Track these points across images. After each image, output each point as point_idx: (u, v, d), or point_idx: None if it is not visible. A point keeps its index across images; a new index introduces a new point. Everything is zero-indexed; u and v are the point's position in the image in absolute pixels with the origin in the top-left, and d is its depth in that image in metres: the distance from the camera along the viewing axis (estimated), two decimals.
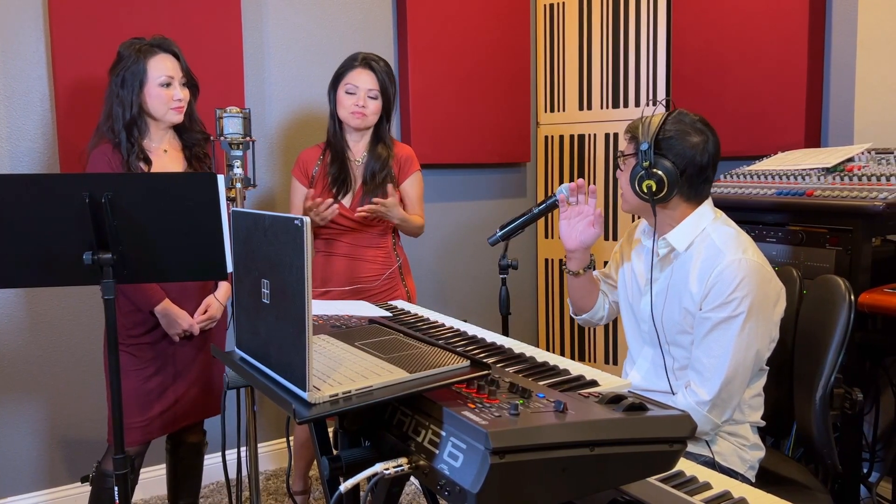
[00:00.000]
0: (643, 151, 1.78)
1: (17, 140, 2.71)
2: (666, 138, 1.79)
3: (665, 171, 1.77)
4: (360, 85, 2.54)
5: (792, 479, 1.93)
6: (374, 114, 2.58)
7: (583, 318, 2.20)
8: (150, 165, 2.30)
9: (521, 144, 3.90)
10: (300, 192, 2.66)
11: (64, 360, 2.85)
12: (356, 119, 2.56)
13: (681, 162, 1.79)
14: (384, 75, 2.59)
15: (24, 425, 2.80)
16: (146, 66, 2.25)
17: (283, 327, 1.12)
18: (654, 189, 1.78)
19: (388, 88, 2.60)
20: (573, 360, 4.24)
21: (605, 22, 3.70)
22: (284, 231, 1.09)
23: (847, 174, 2.40)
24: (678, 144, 1.79)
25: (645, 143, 1.78)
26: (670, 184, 1.78)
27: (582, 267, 2.06)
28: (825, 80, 3.02)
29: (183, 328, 2.32)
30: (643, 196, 1.81)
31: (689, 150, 1.79)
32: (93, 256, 1.83)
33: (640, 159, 1.78)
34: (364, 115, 2.55)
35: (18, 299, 2.76)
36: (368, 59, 2.57)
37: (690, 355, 1.84)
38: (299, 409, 1.03)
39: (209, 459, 2.71)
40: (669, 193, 1.80)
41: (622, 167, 1.89)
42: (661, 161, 1.78)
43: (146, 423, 2.33)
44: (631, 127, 1.87)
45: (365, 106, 2.54)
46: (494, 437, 0.99)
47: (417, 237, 2.81)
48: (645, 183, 1.79)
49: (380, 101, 2.58)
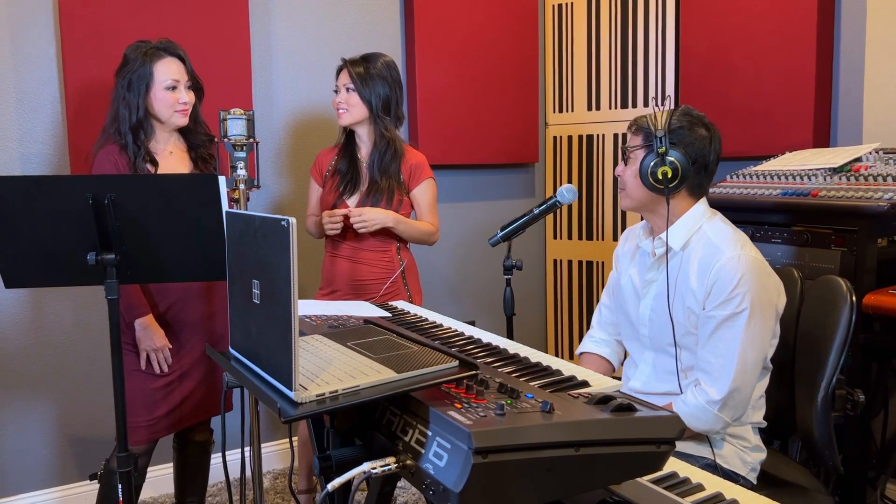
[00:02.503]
0: (658, 138, 1.79)
1: (28, 142, 2.75)
2: (677, 129, 1.81)
3: (677, 159, 1.79)
4: (339, 83, 2.62)
5: (793, 482, 1.92)
6: (354, 106, 2.59)
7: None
8: (156, 167, 2.32)
9: (529, 145, 3.90)
10: (314, 190, 2.73)
11: (74, 359, 2.89)
12: (339, 116, 2.62)
13: (691, 152, 1.81)
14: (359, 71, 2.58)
15: (36, 424, 2.84)
16: (152, 70, 2.27)
17: (272, 327, 1.13)
18: (670, 176, 1.78)
19: (368, 81, 2.58)
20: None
21: (614, 22, 3.69)
22: (272, 232, 1.10)
23: (854, 174, 2.38)
24: (688, 136, 1.82)
25: (661, 131, 1.79)
26: (683, 172, 1.79)
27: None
28: (834, 79, 2.99)
29: (155, 347, 2.31)
30: (656, 185, 1.81)
31: (698, 141, 1.82)
32: (96, 257, 1.85)
33: (655, 146, 1.79)
34: (346, 111, 2.59)
35: (28, 300, 2.80)
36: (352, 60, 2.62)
37: (696, 355, 1.83)
38: (285, 408, 1.04)
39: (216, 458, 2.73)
40: (681, 183, 1.81)
41: (627, 161, 1.89)
42: (673, 149, 1.80)
43: (153, 423, 2.35)
44: (638, 121, 1.88)
45: (343, 101, 2.59)
46: (477, 436, 0.99)
47: (431, 245, 2.80)
48: (661, 169, 1.79)
49: (356, 94, 2.57)
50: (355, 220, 2.53)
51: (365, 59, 2.62)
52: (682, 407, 1.80)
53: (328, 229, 2.56)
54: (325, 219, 2.54)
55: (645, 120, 1.86)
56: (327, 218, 2.54)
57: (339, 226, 2.55)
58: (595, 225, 3.85)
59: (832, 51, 2.98)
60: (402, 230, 2.62)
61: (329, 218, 2.54)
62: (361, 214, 2.52)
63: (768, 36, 3.10)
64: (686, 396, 1.81)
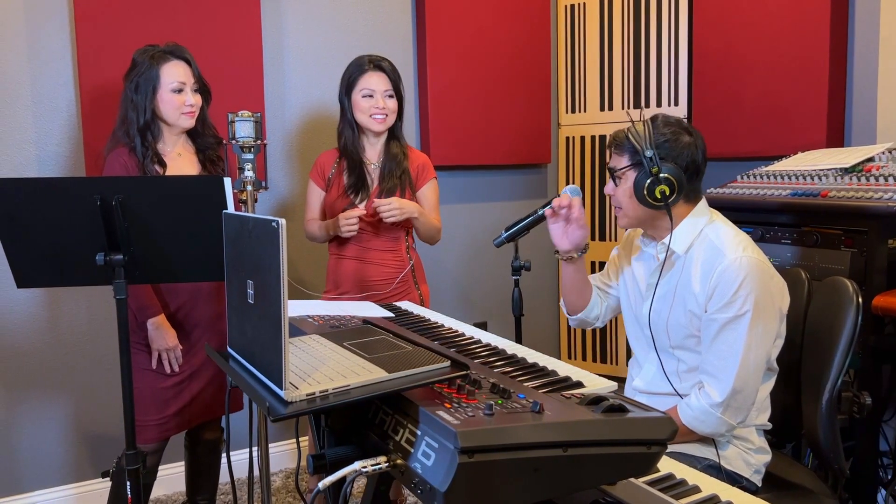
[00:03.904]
0: (648, 158, 1.77)
1: (45, 144, 2.80)
2: (662, 142, 1.79)
3: (672, 174, 1.77)
4: (375, 87, 2.57)
5: (799, 484, 1.90)
6: (394, 112, 2.62)
7: (577, 319, 2.18)
8: (164, 169, 2.35)
9: (541, 145, 3.89)
10: (317, 194, 2.71)
11: (89, 358, 2.93)
12: (378, 123, 2.59)
13: (682, 162, 1.80)
14: (394, 74, 2.63)
15: (52, 422, 2.89)
16: (159, 72, 2.31)
17: (264, 327, 1.15)
18: (668, 193, 1.77)
19: (400, 85, 2.64)
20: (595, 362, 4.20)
21: (627, 22, 3.68)
22: (264, 233, 1.12)
23: (865, 174, 2.35)
24: (676, 147, 1.80)
25: (649, 150, 1.77)
26: (679, 185, 1.78)
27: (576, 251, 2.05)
28: (848, 78, 2.96)
29: (167, 347, 2.34)
30: (655, 203, 1.80)
31: (686, 149, 1.80)
32: (105, 257, 1.88)
33: (647, 166, 1.78)
34: (386, 116, 2.59)
35: (44, 300, 2.85)
36: (377, 61, 2.60)
37: (700, 358, 1.82)
38: (274, 407, 1.05)
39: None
40: (679, 195, 1.80)
41: (617, 182, 1.88)
42: (665, 165, 1.78)
43: (163, 422, 2.38)
44: (618, 138, 1.85)
45: (385, 107, 2.58)
46: (463, 436, 1.00)
47: (435, 243, 2.81)
48: (658, 189, 1.78)
49: (395, 100, 2.62)
50: (387, 209, 2.51)
51: (390, 64, 2.63)
52: (686, 410, 1.79)
53: (346, 232, 2.55)
54: (341, 222, 2.54)
55: (626, 137, 1.82)
56: (344, 220, 2.54)
57: (356, 227, 2.55)
58: (608, 225, 3.84)
59: (846, 50, 2.95)
60: (421, 222, 2.64)
61: (346, 220, 2.54)
62: (392, 203, 2.51)
63: (781, 35, 3.07)
64: (690, 399, 1.80)
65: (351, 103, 2.62)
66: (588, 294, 2.14)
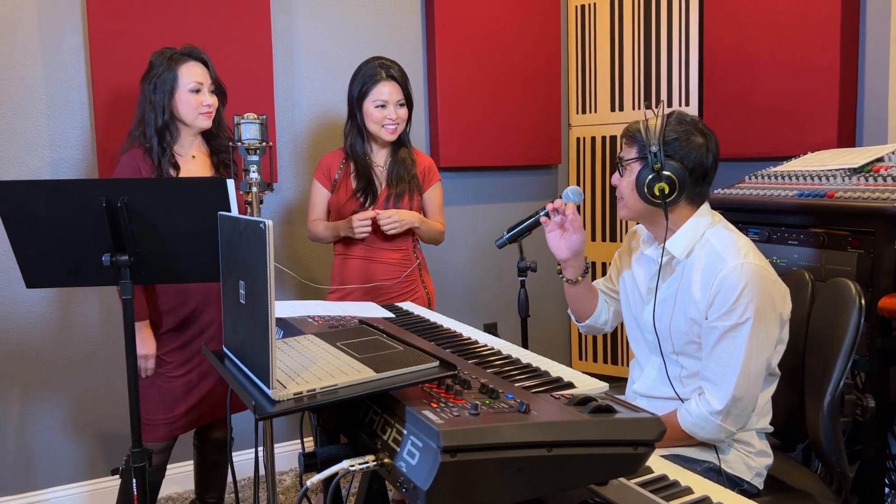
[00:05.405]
0: (653, 153, 1.76)
1: (59, 147, 2.85)
2: (672, 140, 1.77)
3: (674, 173, 1.76)
4: (388, 99, 2.59)
5: (801, 488, 1.88)
6: (404, 121, 2.65)
7: (586, 326, 2.18)
8: (178, 171, 2.38)
9: (552, 146, 3.89)
10: (322, 194, 2.72)
11: (101, 357, 2.97)
12: (390, 134, 2.62)
13: (688, 163, 1.77)
14: (405, 80, 2.65)
15: (65, 420, 2.94)
16: (177, 73, 2.34)
17: (254, 326, 1.16)
18: (667, 192, 1.76)
19: (409, 90, 2.66)
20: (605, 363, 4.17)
21: (637, 22, 3.67)
22: (253, 234, 1.13)
23: (874, 175, 2.33)
24: (685, 147, 1.77)
25: (655, 145, 1.76)
26: (680, 185, 1.76)
27: (578, 274, 2.05)
28: (859, 78, 2.93)
29: (141, 353, 2.33)
30: (653, 200, 1.78)
31: (694, 150, 1.77)
32: (111, 258, 1.91)
33: (650, 161, 1.76)
34: (397, 126, 2.62)
35: (56, 300, 2.90)
36: (388, 69, 2.61)
37: (700, 363, 1.81)
38: (261, 405, 1.07)
39: (237, 456, 2.79)
40: (679, 195, 1.78)
41: (623, 172, 1.87)
42: (669, 163, 1.76)
43: (171, 421, 2.41)
44: (631, 130, 1.84)
45: (397, 117, 2.61)
46: (446, 435, 1.01)
47: (438, 245, 2.83)
48: (657, 186, 1.76)
49: (406, 108, 2.64)
50: (386, 221, 2.56)
51: (400, 70, 2.64)
52: (686, 416, 1.78)
53: (359, 233, 2.57)
54: (355, 223, 2.56)
55: (638, 129, 1.81)
56: (357, 222, 2.56)
57: (369, 228, 2.58)
58: (618, 226, 3.83)
59: (857, 50, 2.92)
60: (423, 230, 2.68)
61: (360, 221, 2.56)
62: (391, 216, 2.56)
63: (792, 35, 3.05)
64: (689, 405, 1.79)
65: (363, 113, 2.63)
66: (594, 302, 2.14)
